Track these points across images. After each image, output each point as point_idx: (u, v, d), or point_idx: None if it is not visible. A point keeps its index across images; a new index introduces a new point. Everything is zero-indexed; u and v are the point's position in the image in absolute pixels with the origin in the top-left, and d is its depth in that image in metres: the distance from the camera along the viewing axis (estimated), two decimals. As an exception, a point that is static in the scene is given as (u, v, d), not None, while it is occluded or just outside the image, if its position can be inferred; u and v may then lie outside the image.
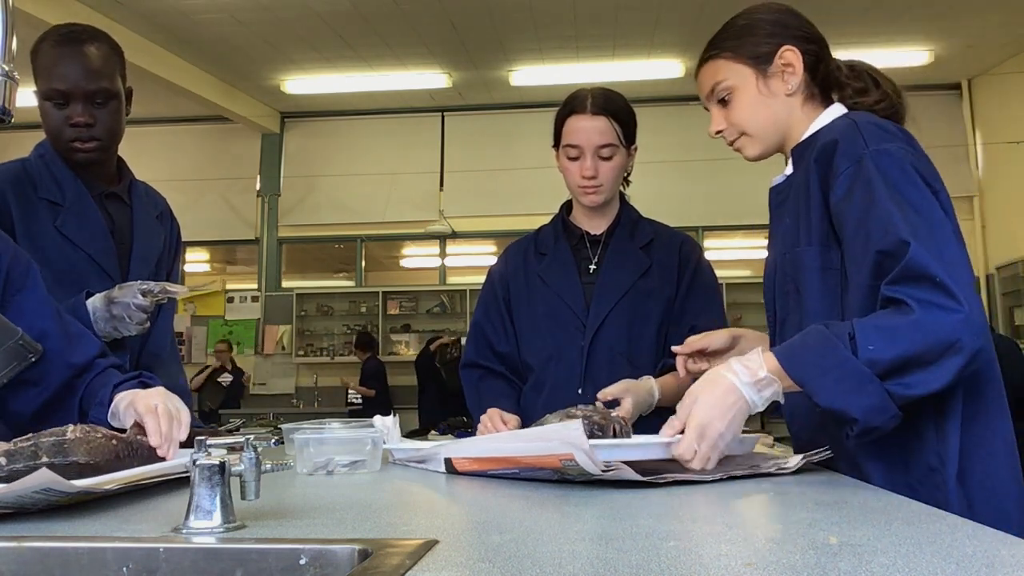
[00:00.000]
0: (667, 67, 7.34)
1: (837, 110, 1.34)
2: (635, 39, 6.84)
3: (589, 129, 1.77)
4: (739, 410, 1.11)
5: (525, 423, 1.68)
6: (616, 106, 1.80)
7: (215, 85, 7.37)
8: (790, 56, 1.33)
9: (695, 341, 1.42)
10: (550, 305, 1.84)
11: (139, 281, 1.57)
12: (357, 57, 7.15)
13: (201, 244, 9.01)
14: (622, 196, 1.93)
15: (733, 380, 1.12)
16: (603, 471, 0.99)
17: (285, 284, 8.75)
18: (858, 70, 1.37)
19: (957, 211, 1.19)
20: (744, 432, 1.19)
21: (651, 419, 1.58)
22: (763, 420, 5.59)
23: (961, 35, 6.78)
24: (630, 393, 1.58)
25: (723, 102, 1.37)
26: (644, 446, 1.17)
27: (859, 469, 1.18)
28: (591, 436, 1.13)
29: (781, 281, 1.33)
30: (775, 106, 1.35)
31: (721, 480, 1.07)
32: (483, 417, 1.68)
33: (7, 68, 0.92)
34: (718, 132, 1.40)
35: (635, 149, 1.85)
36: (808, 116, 1.36)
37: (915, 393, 1.04)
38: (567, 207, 1.97)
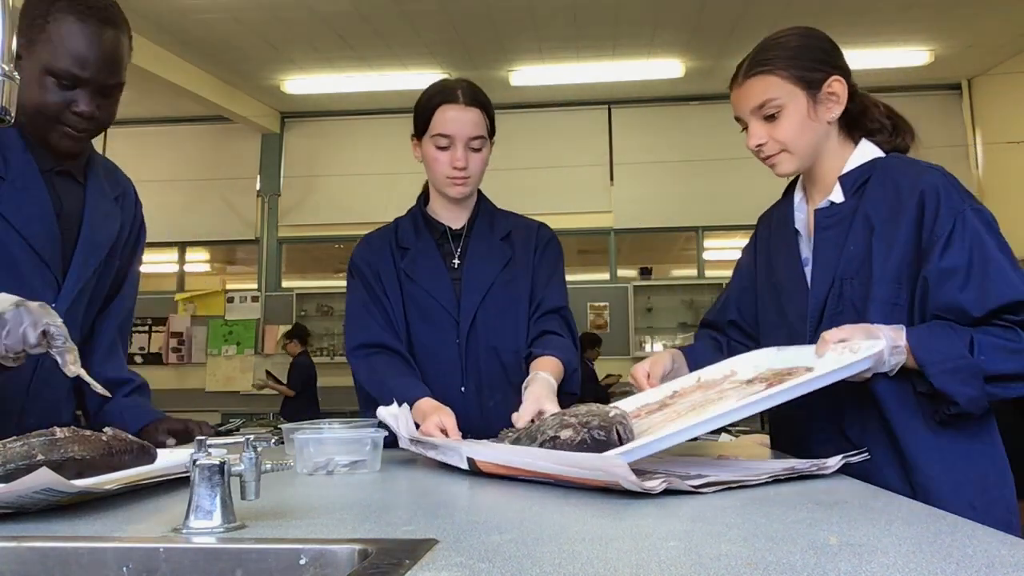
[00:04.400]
0: (667, 67, 7.33)
1: (871, 148, 1.44)
2: (635, 39, 6.84)
3: (463, 120, 1.75)
4: (873, 355, 1.22)
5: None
6: (484, 98, 1.80)
7: (215, 85, 7.37)
8: (838, 87, 1.42)
9: (642, 369, 1.51)
10: (421, 303, 1.79)
11: (50, 320, 1.23)
12: (357, 57, 7.14)
13: (201, 244, 9.01)
14: (478, 189, 1.90)
15: (881, 335, 1.25)
16: (654, 487, 0.96)
17: (285, 284, 8.75)
18: (890, 112, 1.48)
19: None
20: (741, 432, 1.19)
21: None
22: (763, 420, 5.60)
23: (961, 35, 6.77)
24: (544, 400, 1.49)
25: (769, 118, 1.42)
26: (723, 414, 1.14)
27: (922, 481, 1.30)
28: (595, 443, 1.10)
29: (835, 302, 1.39)
30: (819, 130, 1.43)
31: (765, 483, 1.06)
32: (424, 427, 1.51)
33: (7, 68, 0.91)
34: (758, 146, 1.44)
35: (493, 142, 1.84)
36: (840, 145, 1.45)
37: (1001, 396, 1.25)
38: (424, 199, 1.91)
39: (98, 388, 1.25)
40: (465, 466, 1.23)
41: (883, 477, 1.25)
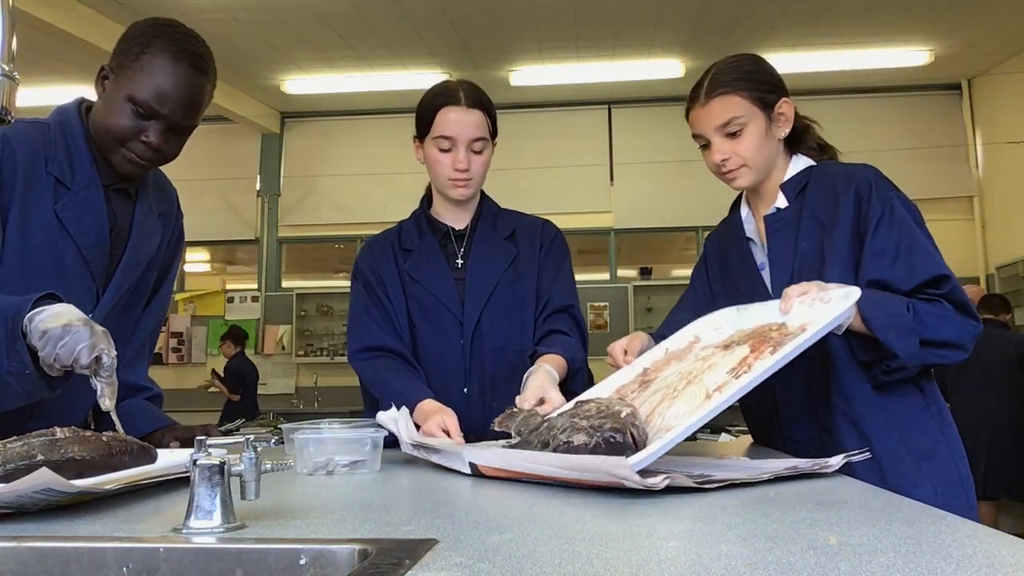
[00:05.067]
0: (667, 67, 7.33)
1: (804, 160, 1.62)
2: (635, 39, 6.84)
3: (465, 122, 1.75)
4: (854, 302, 1.31)
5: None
6: (487, 99, 1.80)
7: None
8: (787, 108, 1.59)
9: (619, 346, 1.59)
10: (424, 304, 1.79)
11: (107, 348, 1.25)
12: (357, 57, 7.14)
13: (201, 244, 9.00)
14: (481, 189, 1.91)
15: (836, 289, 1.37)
16: (656, 483, 0.97)
17: (285, 284, 8.75)
18: (818, 136, 1.68)
19: (957, 211, 1.54)
20: (741, 432, 1.20)
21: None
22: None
23: (961, 35, 6.77)
24: (548, 389, 1.51)
25: (732, 135, 1.56)
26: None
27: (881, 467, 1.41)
28: (609, 447, 1.08)
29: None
30: (772, 146, 1.59)
31: (767, 482, 1.06)
32: (426, 427, 1.51)
33: (7, 68, 0.92)
34: (722, 161, 1.57)
35: (495, 143, 1.84)
36: (784, 159, 1.62)
37: (931, 362, 1.43)
38: (427, 201, 1.92)
39: (119, 427, 1.27)
40: (467, 470, 1.23)
41: (846, 449, 1.30)
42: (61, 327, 1.22)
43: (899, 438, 1.45)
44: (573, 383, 1.70)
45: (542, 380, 1.54)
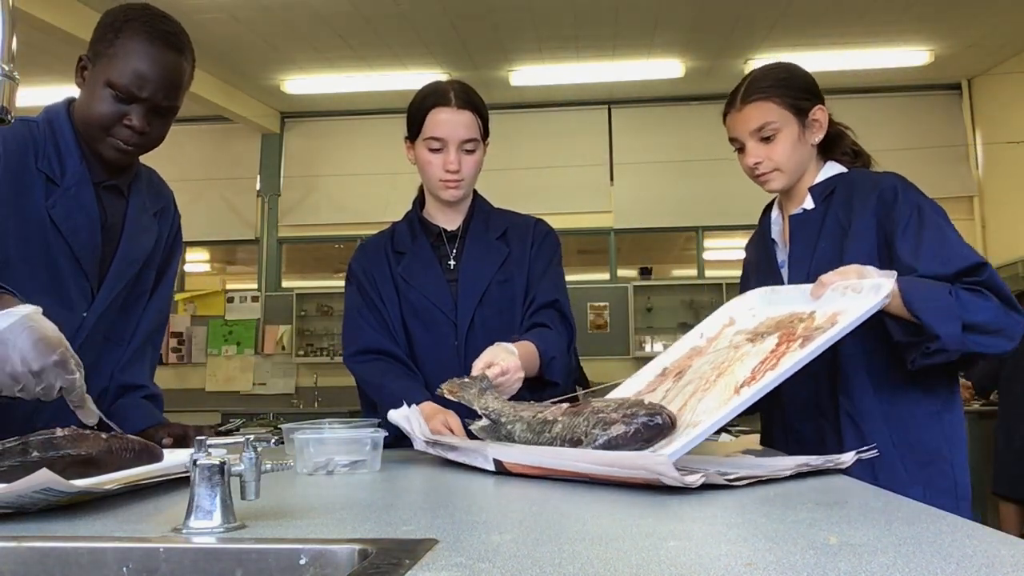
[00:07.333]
0: (667, 67, 7.33)
1: (837, 166, 1.67)
2: (635, 39, 6.84)
3: (455, 122, 1.75)
4: (889, 291, 1.31)
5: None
6: (478, 100, 1.80)
7: (215, 85, 7.36)
8: (821, 115, 1.64)
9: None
10: (418, 306, 1.79)
11: (61, 355, 1.18)
12: (357, 57, 7.14)
13: (201, 244, 9.00)
14: (474, 189, 1.91)
15: (875, 275, 1.36)
16: (695, 481, 0.97)
17: (285, 284, 8.74)
18: (853, 142, 1.72)
19: (957, 211, 1.56)
20: (741, 432, 1.21)
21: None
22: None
23: (961, 35, 6.77)
24: (498, 354, 1.50)
25: (766, 139, 1.62)
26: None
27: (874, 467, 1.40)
28: (648, 430, 1.08)
29: None
30: (805, 151, 1.64)
31: (768, 482, 1.06)
32: (432, 426, 1.52)
33: (7, 68, 0.92)
34: (756, 164, 1.63)
35: (487, 144, 1.84)
36: (816, 164, 1.68)
37: (973, 349, 1.37)
38: (420, 203, 1.92)
39: (116, 428, 1.27)
40: (491, 467, 1.22)
41: (846, 444, 1.39)
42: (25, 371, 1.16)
43: (895, 439, 1.47)
44: (548, 371, 1.67)
45: (494, 349, 1.53)
